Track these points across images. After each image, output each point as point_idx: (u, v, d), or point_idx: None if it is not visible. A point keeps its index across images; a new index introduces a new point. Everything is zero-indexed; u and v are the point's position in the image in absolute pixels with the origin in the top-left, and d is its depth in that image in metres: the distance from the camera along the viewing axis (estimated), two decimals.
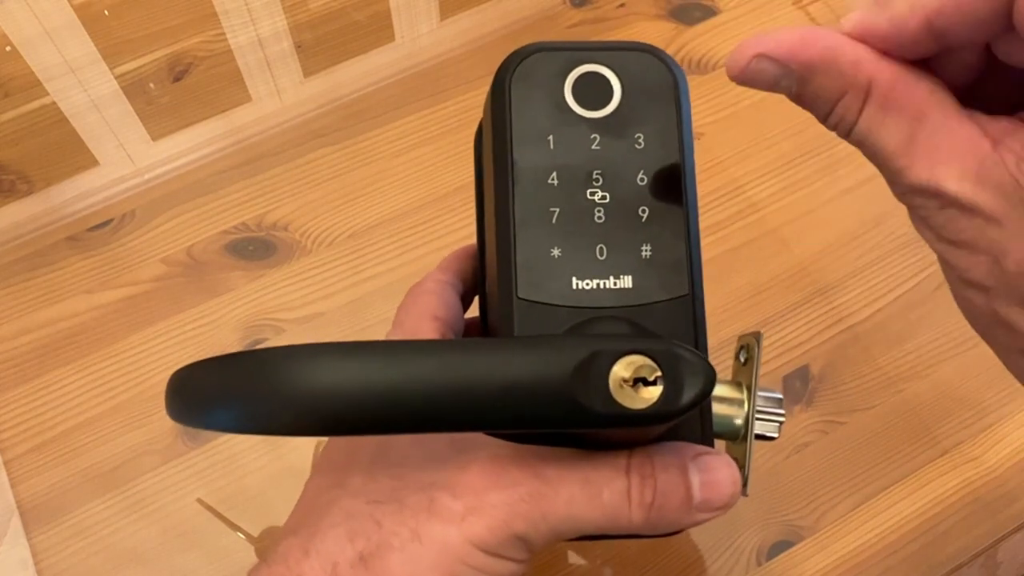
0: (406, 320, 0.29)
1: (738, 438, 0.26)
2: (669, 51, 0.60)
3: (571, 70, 0.25)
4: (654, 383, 0.19)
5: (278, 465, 0.46)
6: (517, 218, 0.24)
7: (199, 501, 0.45)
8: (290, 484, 0.46)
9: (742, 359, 0.28)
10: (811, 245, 0.53)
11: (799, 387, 0.49)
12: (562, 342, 0.20)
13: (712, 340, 0.47)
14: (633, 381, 0.19)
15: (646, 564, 0.44)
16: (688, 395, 0.19)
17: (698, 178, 0.59)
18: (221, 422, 0.20)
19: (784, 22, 0.61)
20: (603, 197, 0.24)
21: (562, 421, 0.19)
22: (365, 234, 0.53)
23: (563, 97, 0.25)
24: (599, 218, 0.24)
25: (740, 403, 0.26)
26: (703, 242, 0.52)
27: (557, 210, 0.24)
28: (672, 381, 0.19)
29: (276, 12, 0.61)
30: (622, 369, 0.19)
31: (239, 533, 0.45)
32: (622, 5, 0.62)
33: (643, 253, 0.24)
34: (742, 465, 0.26)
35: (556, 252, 0.24)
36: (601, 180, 0.24)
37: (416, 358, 0.19)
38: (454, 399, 0.19)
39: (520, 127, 0.24)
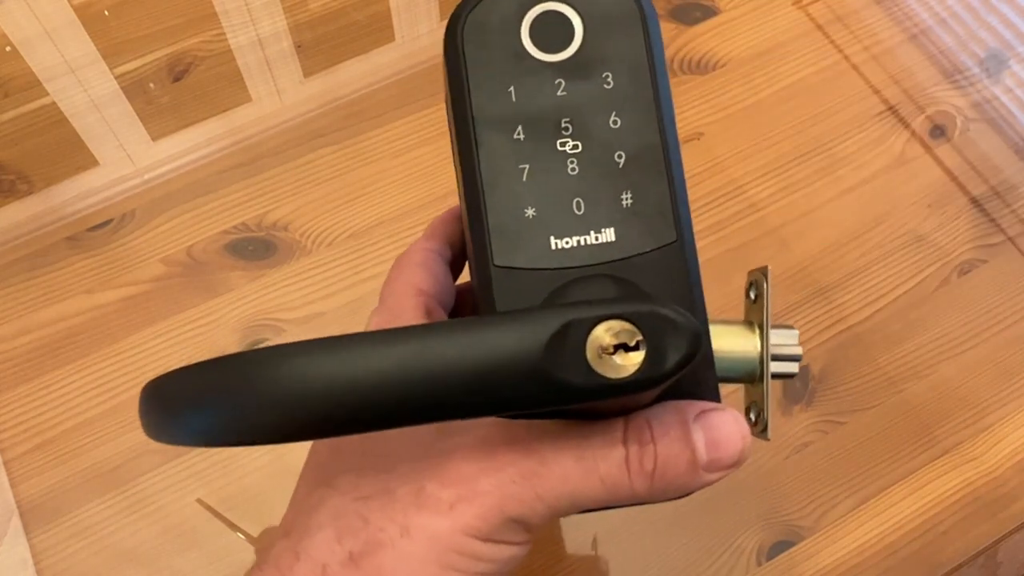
0: (389, 297, 0.28)
1: (755, 380, 0.25)
2: (669, 51, 0.60)
3: (526, 12, 0.23)
4: (636, 348, 0.18)
5: (278, 465, 0.46)
6: (485, 181, 0.22)
7: (199, 501, 0.45)
8: (290, 484, 0.46)
9: (752, 296, 0.26)
10: (811, 245, 0.53)
11: (799, 387, 0.49)
12: (531, 316, 0.18)
13: None
14: (614, 348, 0.18)
15: (647, 563, 0.44)
16: (673, 358, 0.18)
17: (698, 178, 0.59)
18: (195, 433, 0.19)
19: (784, 22, 0.61)
20: (575, 147, 0.22)
21: (541, 399, 0.18)
22: (365, 234, 0.53)
23: (520, 43, 0.23)
24: (573, 170, 0.22)
25: (753, 343, 0.25)
26: (703, 242, 0.53)
27: (527, 167, 0.22)
28: (654, 344, 0.18)
29: (276, 12, 0.61)
30: (601, 336, 0.18)
31: (239, 533, 0.45)
32: None
33: (624, 202, 0.22)
34: (762, 408, 0.24)
35: (530, 212, 0.22)
36: (571, 128, 0.22)
37: (383, 351, 0.18)
38: (426, 390, 0.18)
39: (477, 82, 0.22)
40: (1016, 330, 0.51)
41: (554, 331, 0.18)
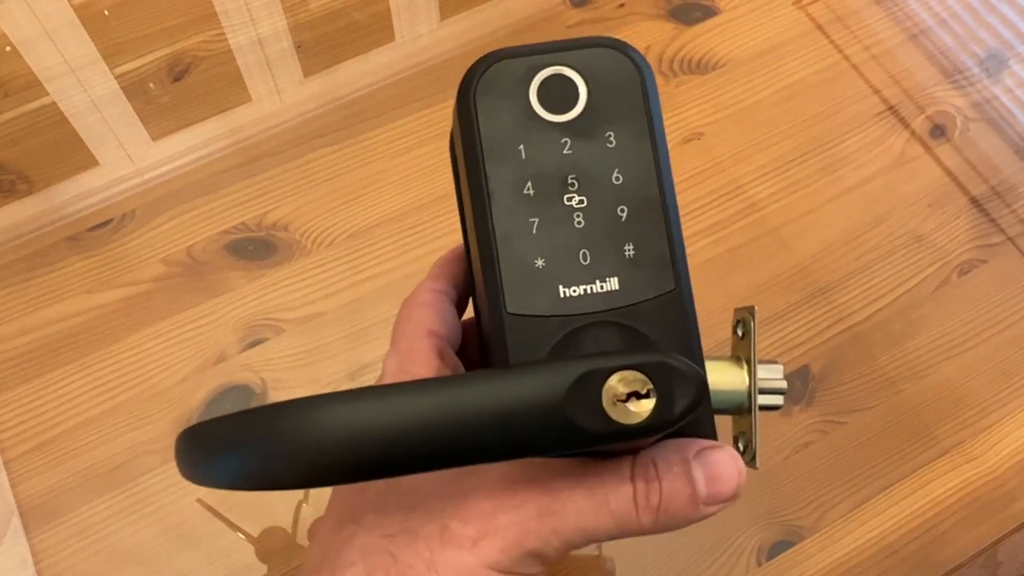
0: (402, 339, 0.29)
1: (743, 412, 0.26)
2: (669, 51, 0.60)
3: (534, 75, 0.24)
4: (647, 395, 0.20)
5: None
6: (497, 234, 0.24)
7: (199, 501, 0.45)
8: None
9: (739, 333, 0.28)
10: (811, 245, 0.53)
11: (799, 387, 0.49)
12: (551, 367, 0.20)
13: (712, 340, 0.48)
14: (627, 396, 0.20)
15: (647, 564, 0.44)
16: (681, 405, 0.20)
17: (698, 178, 0.59)
18: (233, 475, 0.20)
19: (784, 22, 0.61)
20: (580, 201, 0.24)
21: (561, 444, 0.20)
22: (365, 234, 0.53)
23: (529, 104, 0.24)
24: (579, 223, 0.24)
25: (741, 378, 0.26)
26: (703, 242, 0.53)
27: (536, 220, 0.24)
28: (664, 393, 0.20)
29: (276, 12, 0.61)
30: (615, 386, 0.20)
31: (239, 533, 0.45)
32: (622, 5, 0.62)
33: (626, 253, 0.24)
34: (749, 439, 0.26)
35: (540, 263, 0.24)
36: (577, 184, 0.24)
37: (413, 401, 0.19)
38: (455, 438, 0.19)
39: (489, 141, 0.24)
40: (1016, 330, 0.51)
41: (572, 381, 0.19)
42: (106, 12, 0.61)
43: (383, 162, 0.56)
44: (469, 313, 0.32)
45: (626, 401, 0.20)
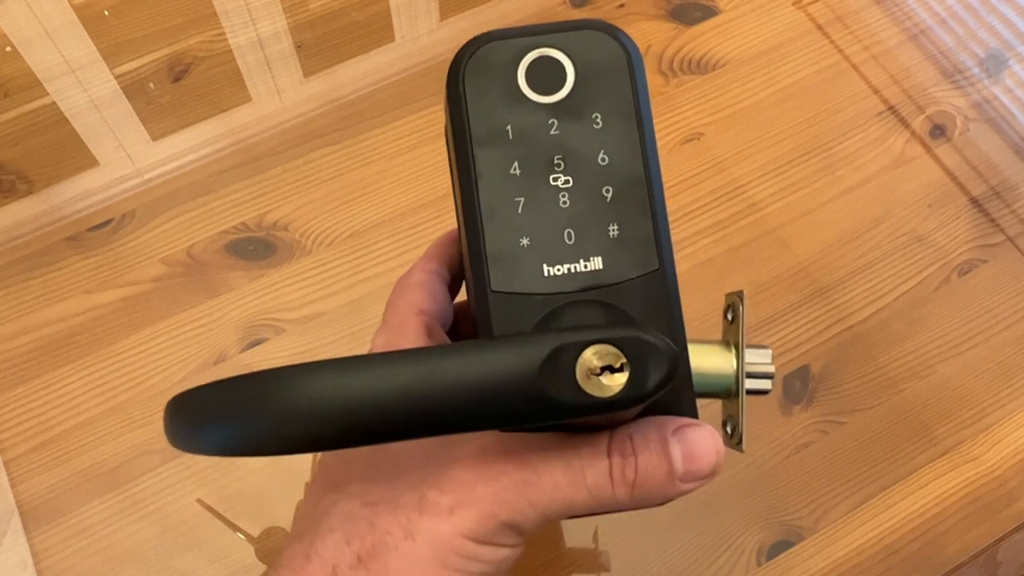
0: (392, 317, 0.29)
1: (731, 396, 0.27)
2: (669, 51, 0.60)
3: (523, 57, 0.25)
4: (621, 370, 0.20)
5: (278, 465, 0.46)
6: (483, 212, 0.24)
7: (199, 501, 0.45)
8: (290, 484, 0.46)
9: (729, 317, 0.28)
10: (811, 245, 0.53)
11: (799, 387, 0.49)
12: (526, 340, 0.20)
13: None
14: (601, 369, 0.20)
15: (647, 563, 0.44)
16: (654, 379, 0.20)
17: (698, 178, 0.59)
18: (219, 441, 0.20)
19: (784, 22, 0.61)
20: (566, 181, 0.24)
21: (535, 416, 0.20)
22: (365, 234, 0.53)
23: (517, 85, 0.25)
24: (564, 203, 0.24)
25: (729, 362, 0.27)
26: (703, 242, 0.53)
27: (522, 199, 0.24)
28: (637, 367, 0.20)
29: (276, 12, 0.61)
30: (589, 359, 0.20)
31: (239, 533, 0.45)
32: (622, 5, 0.62)
33: (611, 233, 0.24)
34: (737, 422, 0.26)
35: (525, 241, 0.24)
36: (563, 165, 0.24)
37: (393, 370, 0.20)
38: (431, 407, 0.20)
39: (477, 120, 0.24)
40: (1016, 330, 0.51)
41: (547, 354, 0.20)
42: (106, 12, 0.61)
43: (383, 162, 0.56)
44: (462, 296, 0.32)
45: (600, 375, 0.20)
